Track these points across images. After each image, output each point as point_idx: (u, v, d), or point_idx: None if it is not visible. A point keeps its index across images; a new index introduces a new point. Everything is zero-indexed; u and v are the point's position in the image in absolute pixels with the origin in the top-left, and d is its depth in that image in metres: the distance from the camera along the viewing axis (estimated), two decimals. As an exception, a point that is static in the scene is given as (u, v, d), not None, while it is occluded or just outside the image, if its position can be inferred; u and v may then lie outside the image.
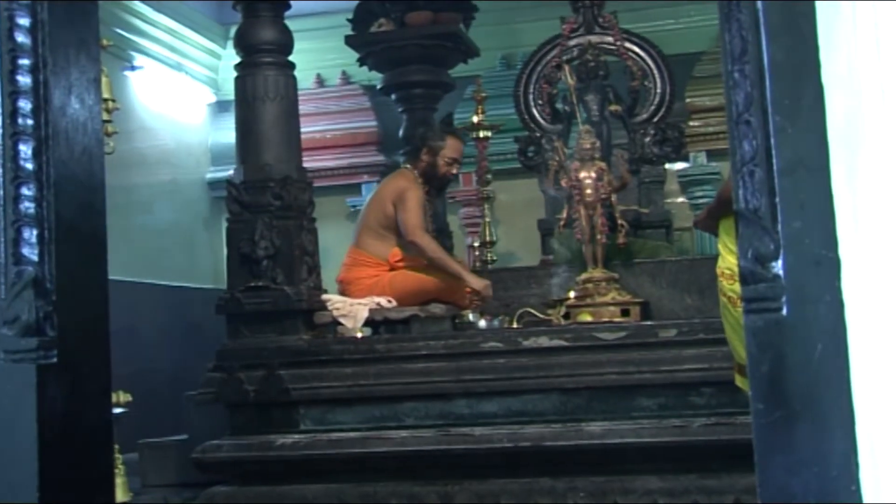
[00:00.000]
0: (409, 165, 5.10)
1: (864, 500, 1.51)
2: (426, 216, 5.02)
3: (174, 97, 7.43)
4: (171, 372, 6.47)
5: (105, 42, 3.04)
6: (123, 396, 4.37)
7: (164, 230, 7.15)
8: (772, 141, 1.60)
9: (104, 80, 2.94)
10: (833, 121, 1.59)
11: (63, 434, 1.86)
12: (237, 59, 4.84)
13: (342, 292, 4.90)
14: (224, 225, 4.82)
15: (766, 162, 1.60)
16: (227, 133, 6.58)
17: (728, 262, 3.03)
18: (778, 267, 1.58)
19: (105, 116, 3.04)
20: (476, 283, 4.83)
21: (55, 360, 1.86)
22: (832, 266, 1.56)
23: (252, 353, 4.51)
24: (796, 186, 1.59)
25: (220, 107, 7.85)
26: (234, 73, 4.85)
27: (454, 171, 5.17)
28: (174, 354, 6.65)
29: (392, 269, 4.86)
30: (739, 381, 3.10)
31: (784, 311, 1.57)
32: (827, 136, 1.59)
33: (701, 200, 7.04)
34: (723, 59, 1.69)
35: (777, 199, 1.59)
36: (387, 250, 4.87)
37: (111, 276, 2.07)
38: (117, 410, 4.28)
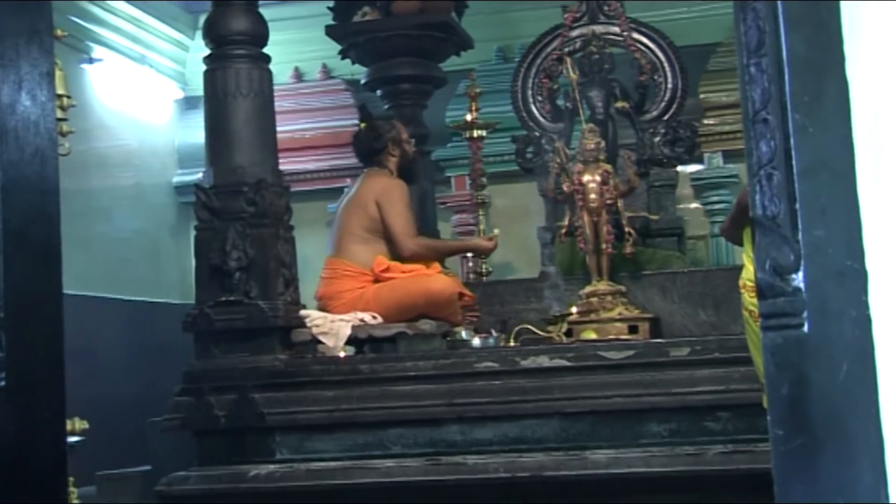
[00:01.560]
0: (375, 168, 5.12)
1: (894, 536, 1.52)
2: (415, 216, 5.08)
3: (137, 93, 7.43)
4: (134, 396, 6.45)
5: (59, 32, 3.03)
6: (79, 423, 4.32)
7: (127, 239, 7.14)
8: (791, 141, 1.61)
9: (58, 74, 2.93)
10: (858, 119, 1.59)
11: (13, 465, 1.85)
12: (207, 51, 4.84)
13: (323, 309, 4.90)
14: (192, 233, 4.81)
15: (785, 164, 1.61)
16: (195, 132, 6.57)
17: (751, 273, 3.04)
18: (798, 279, 1.58)
19: (59, 114, 3.03)
20: (483, 243, 5.12)
21: (3, 382, 1.85)
22: (858, 278, 1.56)
23: (223, 374, 4.50)
24: (818, 191, 1.59)
25: (187, 103, 7.85)
26: (204, 67, 4.85)
27: (415, 148, 5.38)
28: (136, 376, 6.63)
29: (377, 280, 4.86)
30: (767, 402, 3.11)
31: (805, 328, 1.57)
32: (852, 135, 1.59)
33: (717, 206, 7.05)
34: (737, 52, 1.69)
35: (797, 205, 1.59)
36: (371, 257, 4.87)
37: (67, 290, 2.06)
38: (73, 439, 4.25)
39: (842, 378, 1.55)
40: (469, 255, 6.19)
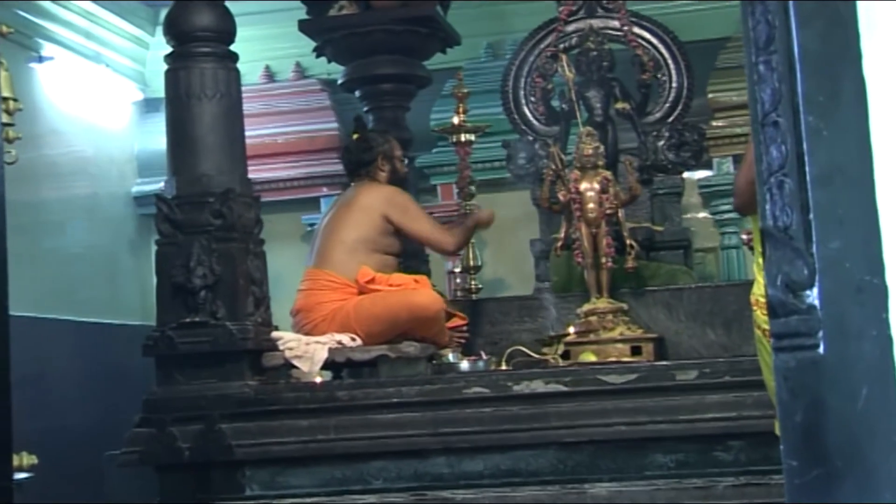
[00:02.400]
0: (364, 181, 5.16)
1: (919, 576, 1.52)
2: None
3: (92, 94, 7.41)
4: (88, 427, 6.42)
5: (4, 28, 3.03)
6: (28, 458, 4.31)
7: (80, 255, 7.11)
8: (804, 146, 1.61)
9: (4, 74, 2.93)
10: (877, 121, 1.60)
11: (-47, 504, 1.84)
12: (168, 49, 4.84)
13: (299, 324, 4.90)
14: (153, 248, 4.80)
15: (798, 171, 1.61)
16: (156, 138, 6.56)
17: (763, 288, 3.04)
18: (813, 296, 1.59)
19: (5, 119, 3.03)
20: (482, 216, 5.28)
21: (-56, 414, 1.84)
22: (878, 294, 1.56)
23: (187, 402, 4.49)
24: (834, 199, 1.60)
25: (148, 106, 7.84)
26: (165, 66, 4.85)
27: (405, 168, 5.52)
28: (92, 406, 6.60)
29: (361, 292, 4.87)
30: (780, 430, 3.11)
31: (821, 349, 1.58)
32: (870, 138, 1.60)
33: (727, 216, 7.06)
34: (745, 48, 1.70)
35: (811, 215, 1.60)
36: (356, 269, 4.89)
37: (13, 312, 2.06)
38: (20, 475, 4.23)
39: (861, 403, 1.56)
40: (456, 271, 6.19)
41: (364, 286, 4.85)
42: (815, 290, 1.60)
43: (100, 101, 7.51)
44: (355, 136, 5.38)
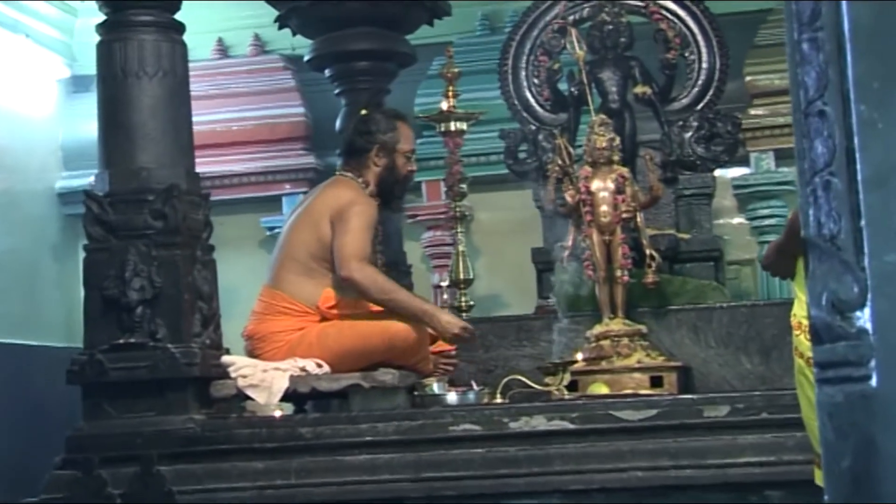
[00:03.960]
0: (348, 174, 5.05)
1: None
2: (374, 244, 5.02)
3: (8, 71, 7.41)
4: (1, 468, 6.40)
5: None
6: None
7: (-5, 262, 7.10)
8: (855, 140, 1.62)
9: None
10: (941, 111, 1.61)
11: None
12: (101, 17, 4.84)
13: (252, 352, 4.89)
14: (81, 255, 4.80)
15: (848, 169, 1.62)
16: (85, 123, 6.55)
17: (805, 308, 3.05)
18: (864, 318, 1.60)
19: None
20: (449, 322, 4.80)
21: None
22: (940, 317, 1.58)
23: (120, 440, 4.48)
24: (890, 204, 1.60)
25: (76, 85, 7.83)
26: (97, 37, 4.85)
27: (414, 167, 5.21)
28: (5, 443, 6.59)
29: (323, 318, 4.85)
30: (821, 478, 3.12)
31: (873, 381, 1.59)
32: (932, 132, 1.61)
33: (766, 222, 7.08)
34: (787, 24, 1.71)
35: (863, 223, 1.61)
36: (317, 291, 4.85)
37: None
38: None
39: (920, 445, 1.57)
40: (443, 285, 6.19)
41: (326, 312, 4.79)
42: (867, 312, 1.60)
43: (18, 78, 7.50)
44: (362, 113, 5.15)
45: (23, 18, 7.50)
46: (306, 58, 6.43)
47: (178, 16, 4.86)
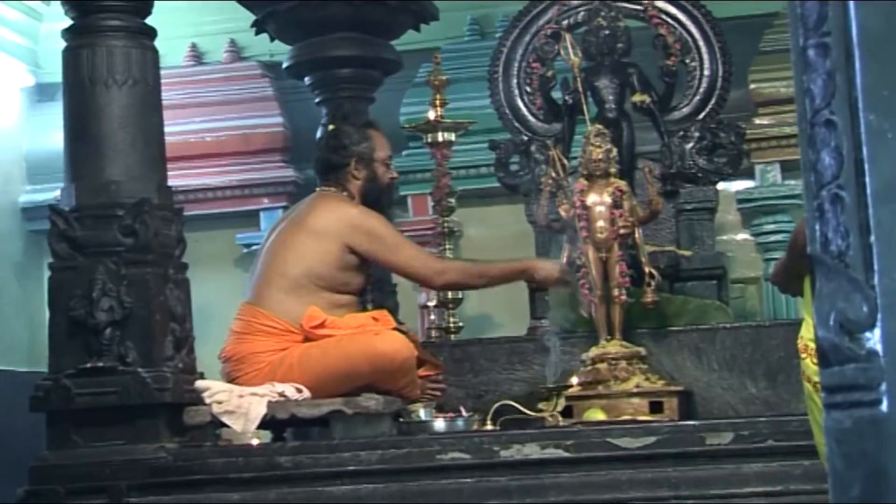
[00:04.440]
0: (332, 188, 5.08)
1: None
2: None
3: (-29, 79, 7.40)
4: (-38, 500, 6.38)
5: None
6: None
7: (-46, 281, 7.08)
8: (864, 151, 1.62)
9: None
10: (956, 121, 1.61)
11: None
12: (67, 22, 4.83)
13: (230, 375, 4.88)
14: (46, 274, 4.78)
15: (857, 182, 1.62)
16: (51, 133, 6.55)
17: (812, 330, 3.06)
18: (874, 339, 1.59)
19: None
20: (545, 269, 5.01)
21: None
22: (955, 338, 1.57)
23: (87, 470, 4.46)
24: (901, 218, 1.60)
25: (40, 93, 7.83)
26: (63, 43, 4.84)
27: (395, 174, 5.37)
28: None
29: (307, 339, 4.85)
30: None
31: (883, 406, 1.58)
32: (946, 143, 1.61)
33: (772, 238, 7.09)
34: (791, 29, 1.71)
35: (872, 238, 1.61)
36: (301, 310, 4.85)
37: None
38: None
39: (934, 474, 1.56)
40: (430, 305, 6.18)
41: (311, 332, 4.80)
42: (877, 332, 1.60)
43: (-19, 86, 7.49)
44: (331, 128, 5.26)
45: (-16, 23, 7.50)
46: (285, 64, 6.43)
47: (149, 20, 4.85)
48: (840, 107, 1.65)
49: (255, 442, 4.67)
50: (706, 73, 5.52)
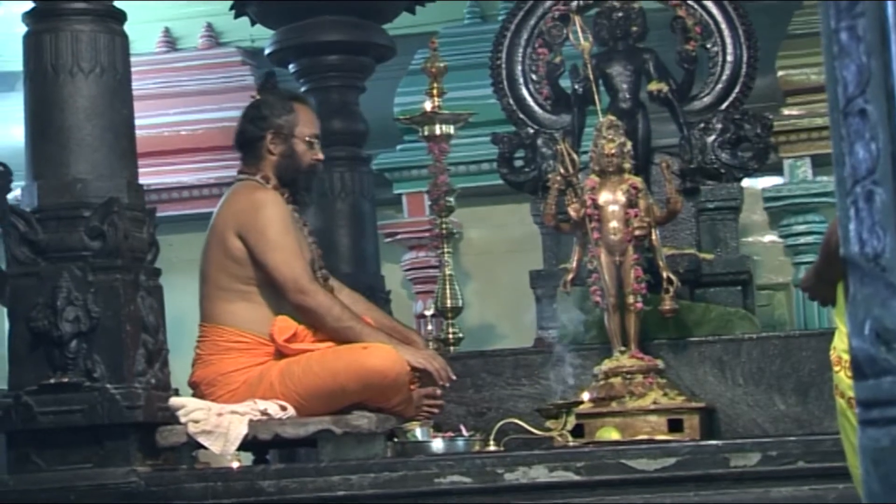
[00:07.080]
0: (244, 175, 5.01)
1: None
2: (305, 246, 4.97)
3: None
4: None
5: None
6: None
7: None
8: (902, 143, 1.63)
9: None
10: None
11: None
12: (27, 5, 4.84)
13: (203, 399, 4.87)
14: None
15: (893, 178, 1.62)
16: (10, 127, 6.56)
17: (846, 341, 3.06)
18: (913, 350, 1.60)
19: None
20: (419, 357, 4.82)
21: None
22: None
23: (50, 496, 4.47)
24: (942, 217, 1.61)
25: (0, 83, 7.84)
26: (24, 28, 4.85)
27: (320, 155, 5.11)
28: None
29: (283, 354, 4.83)
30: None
31: (924, 423, 1.59)
32: None
33: (802, 239, 7.10)
34: (822, 10, 1.72)
35: (911, 239, 1.61)
36: (262, 316, 4.82)
37: None
38: None
39: (979, 497, 1.57)
40: (428, 314, 6.19)
41: (284, 346, 4.77)
42: (917, 342, 1.61)
43: (-66, 75, 7.49)
44: (254, 97, 5.10)
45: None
46: (267, 51, 6.44)
47: (118, 3, 4.86)
48: (875, 95, 1.65)
49: (235, 465, 4.67)
50: (729, 58, 5.52)
